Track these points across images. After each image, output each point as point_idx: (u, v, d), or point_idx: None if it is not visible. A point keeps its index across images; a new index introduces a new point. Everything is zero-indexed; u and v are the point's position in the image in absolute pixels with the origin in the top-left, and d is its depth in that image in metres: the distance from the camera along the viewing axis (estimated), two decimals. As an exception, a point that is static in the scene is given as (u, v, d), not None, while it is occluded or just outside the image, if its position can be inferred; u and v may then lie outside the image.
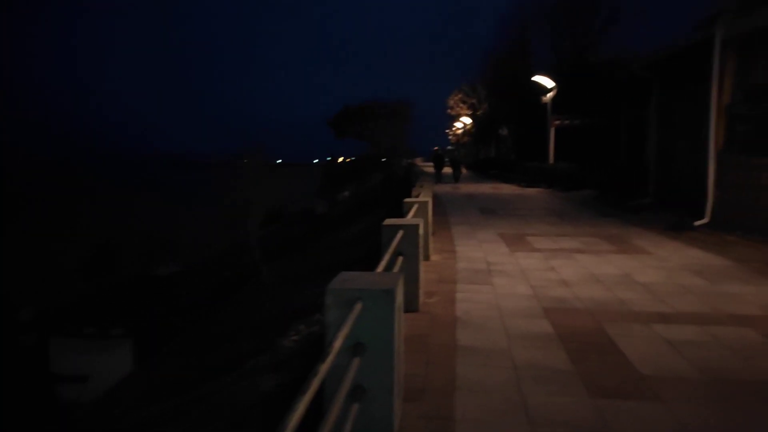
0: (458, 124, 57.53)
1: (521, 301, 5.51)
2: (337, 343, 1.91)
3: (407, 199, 7.73)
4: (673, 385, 3.48)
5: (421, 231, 5.18)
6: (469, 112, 49.76)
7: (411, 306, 5.04)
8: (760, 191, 9.11)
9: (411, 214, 6.40)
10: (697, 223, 10.03)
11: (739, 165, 9.67)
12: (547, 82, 25.42)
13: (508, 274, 6.74)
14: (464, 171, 37.49)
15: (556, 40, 35.29)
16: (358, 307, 2.39)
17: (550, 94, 25.32)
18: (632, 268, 7.02)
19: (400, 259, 4.73)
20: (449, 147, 68.17)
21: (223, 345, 8.39)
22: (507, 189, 22.77)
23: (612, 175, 15.25)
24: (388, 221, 5.07)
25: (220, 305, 12.05)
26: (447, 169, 32.74)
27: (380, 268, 3.12)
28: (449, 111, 54.69)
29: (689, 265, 7.12)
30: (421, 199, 7.99)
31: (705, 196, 10.37)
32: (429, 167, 35.28)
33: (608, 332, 4.49)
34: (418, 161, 64.14)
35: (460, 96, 50.18)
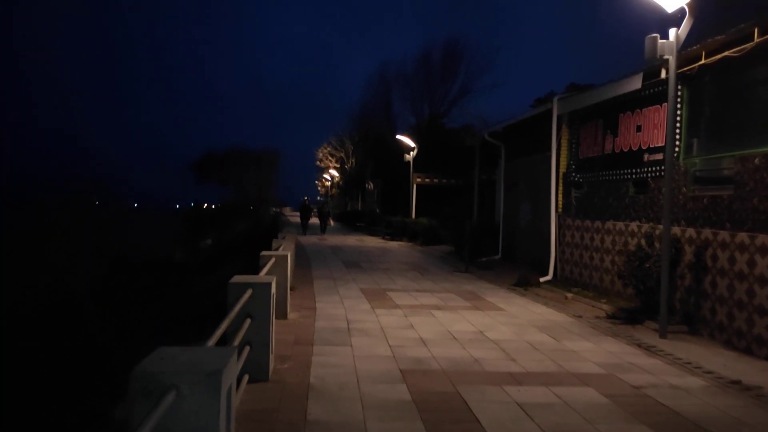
0: (327, 176, 58.14)
1: (380, 364, 5.25)
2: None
3: (264, 252, 7.24)
4: (526, 454, 3.38)
5: (273, 290, 4.73)
6: (338, 166, 50.64)
7: (259, 375, 4.51)
8: (591, 251, 10.10)
9: (266, 269, 5.91)
10: (542, 279, 10.80)
11: (576, 227, 10.70)
12: (409, 141, 26.74)
13: (368, 333, 6.49)
14: (332, 222, 37.56)
15: (416, 104, 37.94)
16: (170, 398, 1.90)
17: (412, 153, 26.59)
18: (485, 325, 7.18)
19: (248, 322, 4.22)
20: (319, 198, 68.35)
21: (51, 411, 7.02)
22: (372, 242, 23.05)
23: (466, 232, 16.14)
24: (237, 278, 4.56)
25: (41, 364, 10.18)
26: (314, 220, 32.48)
27: (213, 339, 2.63)
28: (318, 163, 55.21)
29: (535, 322, 7.48)
30: (280, 252, 7.54)
31: (547, 254, 11.28)
32: (297, 217, 34.77)
33: (464, 396, 4.37)
34: (287, 211, 63.24)
35: (329, 149, 50.99)
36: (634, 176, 9.06)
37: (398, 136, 28.80)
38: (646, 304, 7.72)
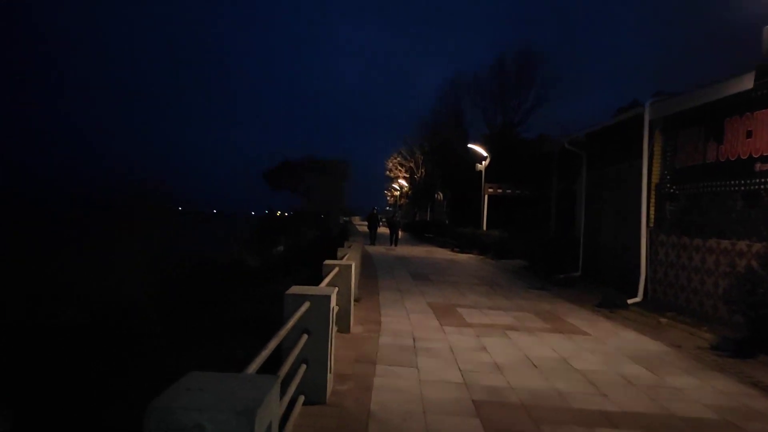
0: (396, 186, 58.06)
1: (449, 391, 4.69)
2: None
3: (327, 261, 6.89)
4: None
5: (334, 302, 4.32)
6: (407, 176, 50.36)
7: (316, 397, 4.10)
8: (689, 271, 8.99)
9: (327, 280, 5.54)
10: (630, 301, 9.75)
11: (671, 244, 9.61)
12: (482, 151, 25.92)
13: (436, 354, 5.95)
14: (401, 233, 37.24)
15: (489, 113, 36.75)
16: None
17: (484, 163, 25.74)
18: (569, 351, 6.42)
19: (304, 338, 3.83)
20: (388, 208, 68.41)
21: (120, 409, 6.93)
22: (440, 253, 22.41)
23: (542, 246, 15.17)
24: (294, 289, 4.19)
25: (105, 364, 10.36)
26: (383, 229, 32.25)
27: (254, 365, 2.23)
28: (388, 173, 55.23)
29: (627, 350, 6.62)
30: (344, 261, 7.17)
31: (636, 273, 10.21)
32: (365, 226, 34.73)
33: (549, 439, 3.74)
34: (356, 220, 63.76)
35: (398, 159, 50.85)
36: (743, 188, 7.96)
37: (470, 145, 28.06)
38: (758, 335, 6.66)
